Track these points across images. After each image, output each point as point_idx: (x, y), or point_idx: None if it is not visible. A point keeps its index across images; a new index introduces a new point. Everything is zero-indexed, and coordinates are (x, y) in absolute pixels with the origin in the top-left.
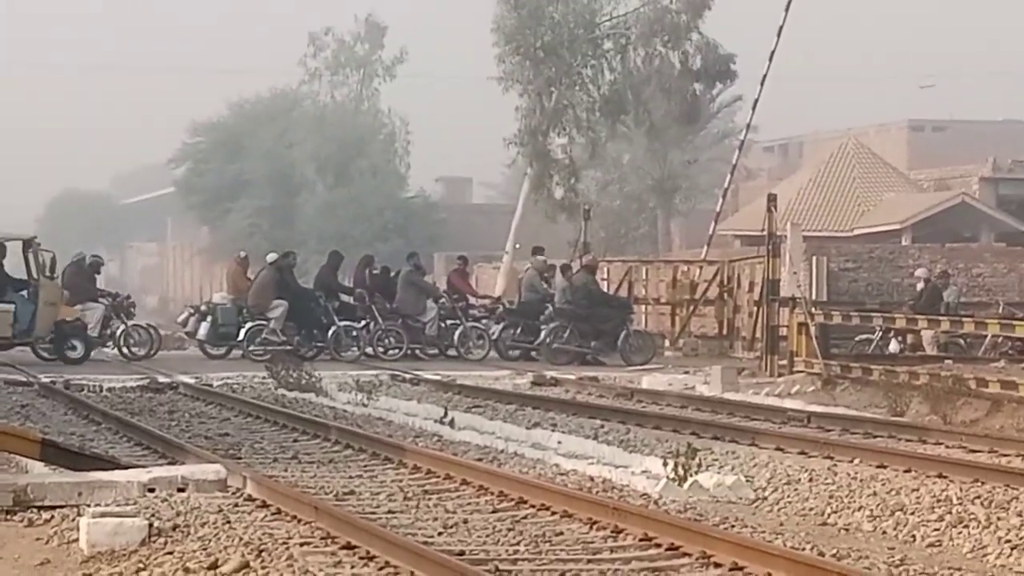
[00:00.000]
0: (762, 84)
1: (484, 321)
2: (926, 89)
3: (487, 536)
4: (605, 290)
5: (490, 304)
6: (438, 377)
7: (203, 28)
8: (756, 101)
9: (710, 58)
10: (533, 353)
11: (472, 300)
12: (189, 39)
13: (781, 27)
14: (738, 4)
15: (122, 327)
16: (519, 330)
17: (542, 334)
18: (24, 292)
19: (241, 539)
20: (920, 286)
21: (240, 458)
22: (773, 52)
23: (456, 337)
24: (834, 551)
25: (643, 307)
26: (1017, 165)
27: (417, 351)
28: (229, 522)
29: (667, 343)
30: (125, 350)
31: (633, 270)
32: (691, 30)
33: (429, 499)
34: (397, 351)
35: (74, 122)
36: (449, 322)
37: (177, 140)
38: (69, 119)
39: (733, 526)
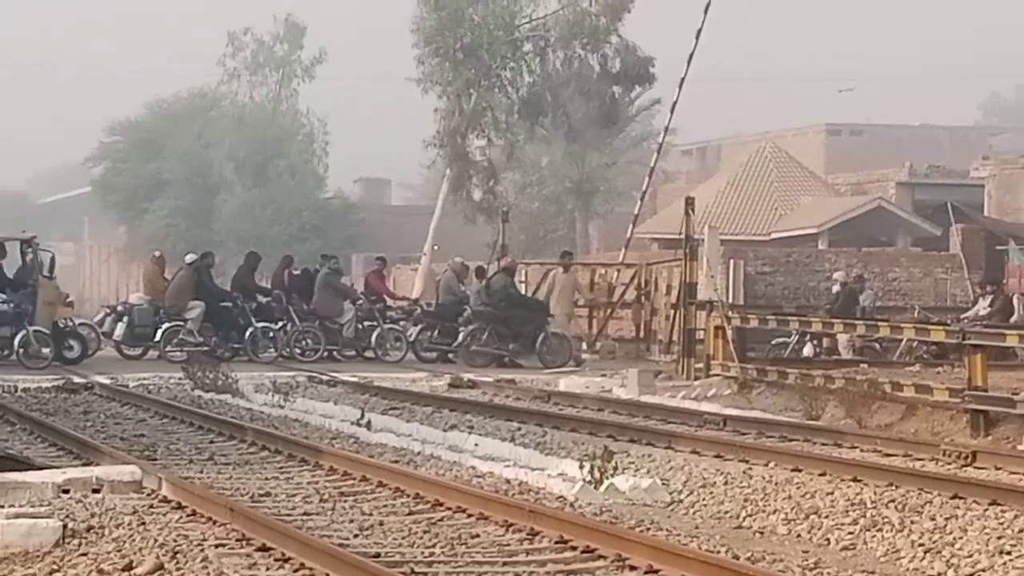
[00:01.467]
0: (680, 87)
1: (401, 323)
2: (844, 93)
3: (403, 538)
4: (523, 292)
5: (408, 306)
6: (355, 379)
7: (122, 27)
8: (674, 104)
9: (629, 61)
10: (450, 355)
11: (389, 302)
12: (108, 38)
13: (699, 30)
14: (657, 7)
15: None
16: (436, 332)
17: (460, 336)
18: (22, 291)
19: (156, 541)
20: (836, 290)
21: (156, 459)
22: (691, 55)
23: (373, 339)
24: (749, 554)
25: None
26: (933, 170)
27: (334, 352)
28: (144, 523)
29: (584, 346)
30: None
31: (551, 273)
32: (610, 33)
33: (345, 501)
34: (314, 352)
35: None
36: (367, 324)
37: (95, 139)
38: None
39: (649, 529)
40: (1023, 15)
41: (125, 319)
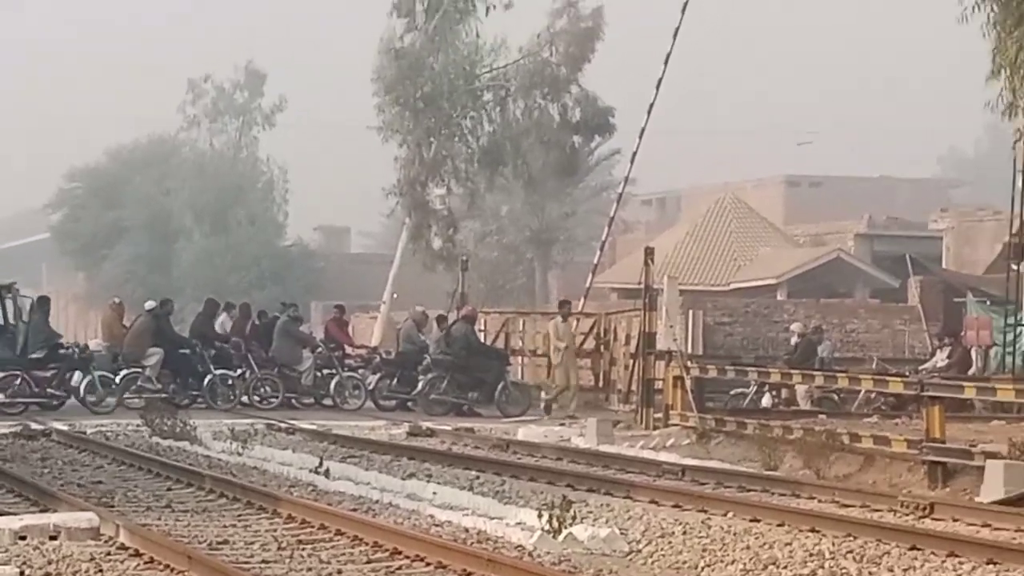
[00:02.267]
0: (640, 137)
1: (360, 371)
2: (803, 145)
3: None
4: (483, 341)
5: (367, 354)
6: (314, 427)
7: (82, 74)
8: (634, 154)
9: (589, 111)
10: (409, 403)
11: (349, 350)
12: (67, 84)
13: (660, 80)
14: (617, 58)
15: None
16: (396, 380)
17: (419, 384)
18: (7, 334)
19: None
20: (795, 341)
21: (113, 506)
22: (652, 105)
23: (332, 387)
24: None
25: (520, 359)
26: (892, 222)
27: (293, 400)
28: (101, 571)
29: (543, 395)
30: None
31: (510, 321)
32: (570, 83)
33: (303, 549)
34: (273, 400)
35: None
36: (325, 371)
37: (53, 186)
38: None
39: None
40: (980, 74)
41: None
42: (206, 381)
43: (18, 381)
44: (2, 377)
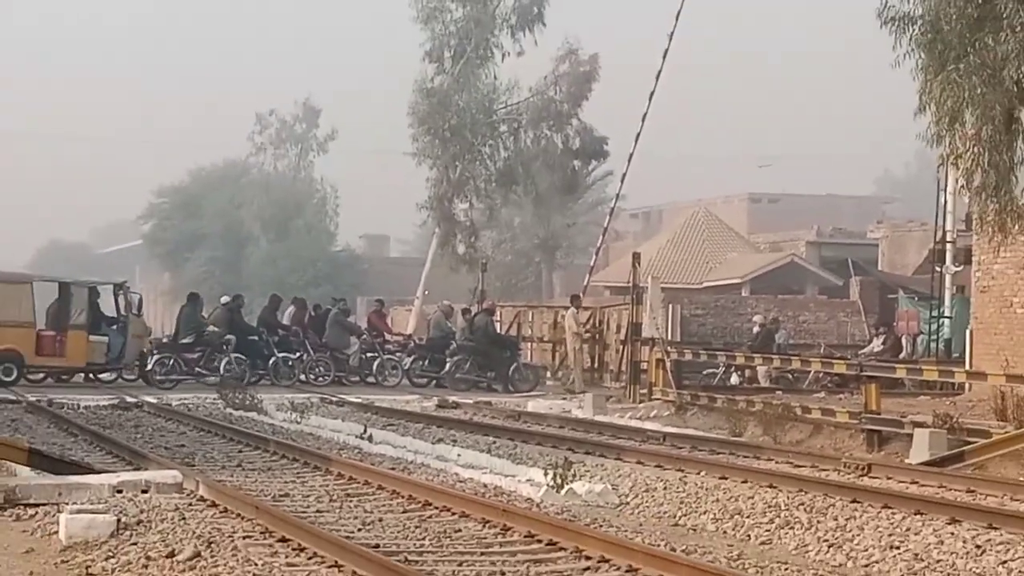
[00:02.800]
0: (629, 162)
1: (398, 354)
2: (764, 168)
3: (398, 532)
4: (499, 330)
5: (403, 340)
6: (359, 400)
7: (168, 107)
8: (624, 175)
9: (587, 140)
10: (438, 381)
11: (388, 337)
12: (155, 114)
13: (644, 115)
14: (611, 95)
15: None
16: (427, 362)
17: (447, 366)
18: (115, 326)
19: (194, 532)
20: (756, 330)
21: (194, 465)
22: (638, 135)
23: (374, 367)
24: (684, 547)
25: (529, 344)
26: (837, 232)
27: (342, 378)
28: (184, 519)
29: (548, 374)
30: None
31: (521, 314)
32: (572, 116)
33: (350, 501)
34: (326, 378)
35: (58, 184)
36: (369, 355)
37: (145, 201)
38: (54, 181)
39: (601, 526)
40: (910, 110)
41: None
42: (271, 363)
43: (171, 361)
44: (158, 358)
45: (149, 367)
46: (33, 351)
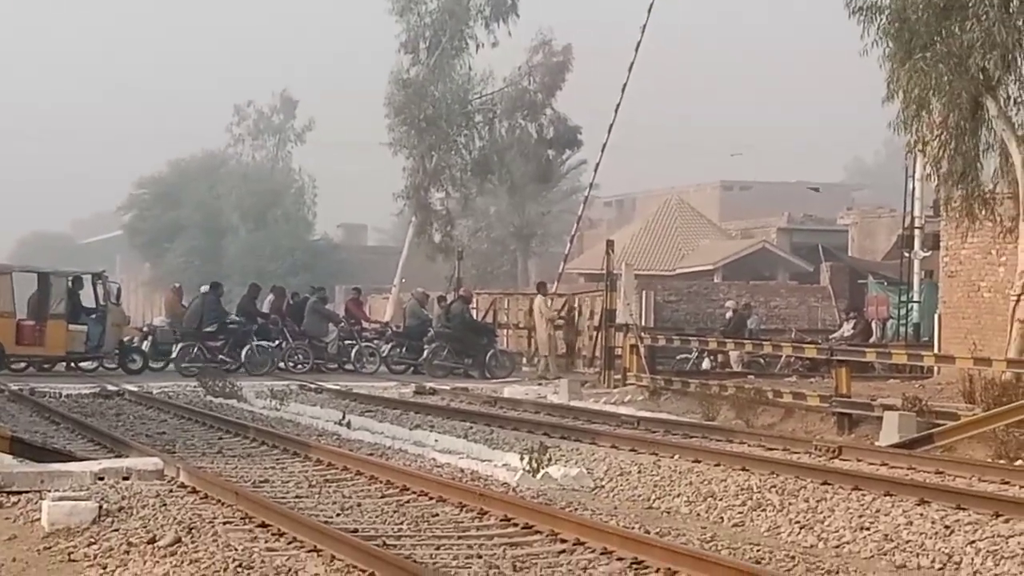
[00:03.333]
0: (603, 150)
1: (375, 341)
2: (735, 156)
3: (376, 517)
4: (475, 317)
5: (380, 328)
6: (337, 387)
7: (147, 99)
8: (597, 164)
9: (560, 129)
10: (415, 368)
11: (365, 324)
12: (135, 105)
13: (618, 104)
14: (584, 84)
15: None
16: (404, 349)
17: (424, 353)
18: (94, 316)
19: (175, 519)
20: (728, 315)
21: (175, 452)
22: (611, 125)
23: (352, 354)
24: (658, 530)
25: (505, 331)
26: (807, 219)
27: (321, 366)
28: (165, 505)
29: (524, 360)
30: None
31: (497, 301)
32: (545, 106)
33: (329, 486)
34: (304, 366)
35: (38, 174)
36: (347, 342)
37: (125, 192)
38: (34, 171)
39: (576, 509)
40: (878, 97)
41: (150, 338)
42: (244, 351)
43: (195, 350)
44: (182, 347)
45: (173, 355)
46: (13, 340)
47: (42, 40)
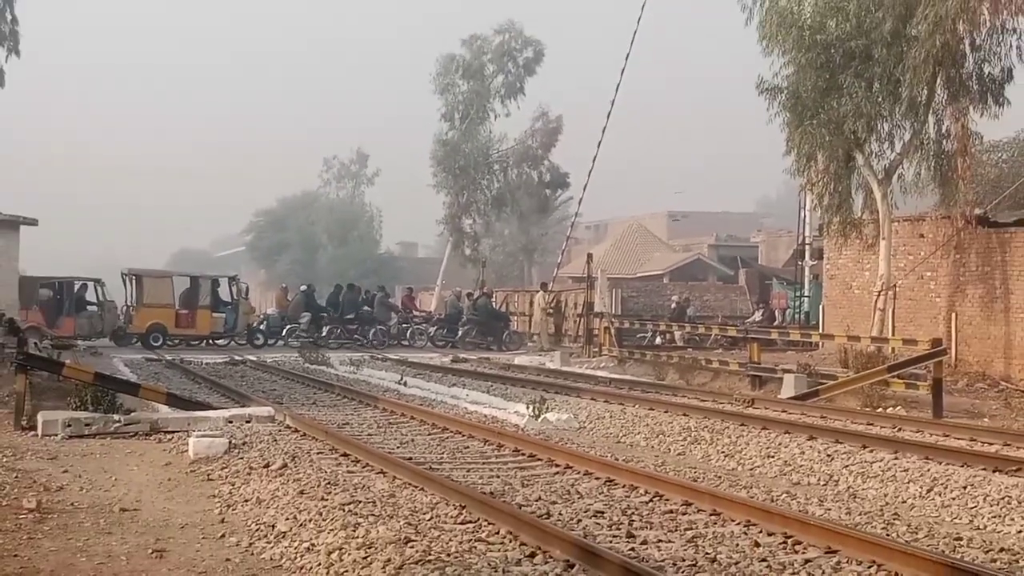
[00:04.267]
0: (584, 190)
1: (424, 325)
2: (678, 193)
3: (425, 449)
4: (495, 307)
5: (426, 315)
6: (396, 358)
7: (261, 148)
8: (580, 199)
9: (554, 175)
10: (452, 344)
11: (416, 313)
12: (254, 154)
13: (595, 156)
14: (572, 144)
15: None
16: (445, 331)
17: (459, 333)
18: (230, 306)
19: (283, 450)
20: (673, 306)
21: (282, 403)
22: (590, 172)
23: (408, 335)
24: (624, 457)
25: (515, 318)
26: (729, 238)
27: (386, 342)
28: (276, 440)
29: (541, 341)
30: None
31: (509, 296)
32: (544, 159)
33: (392, 427)
34: (375, 343)
35: (186, 207)
36: (403, 326)
37: (246, 219)
38: (182, 204)
39: (566, 443)
40: (779, 151)
41: (264, 324)
42: (326, 330)
43: (338, 331)
44: (328, 328)
45: (323, 334)
46: (173, 324)
47: (183, 96)
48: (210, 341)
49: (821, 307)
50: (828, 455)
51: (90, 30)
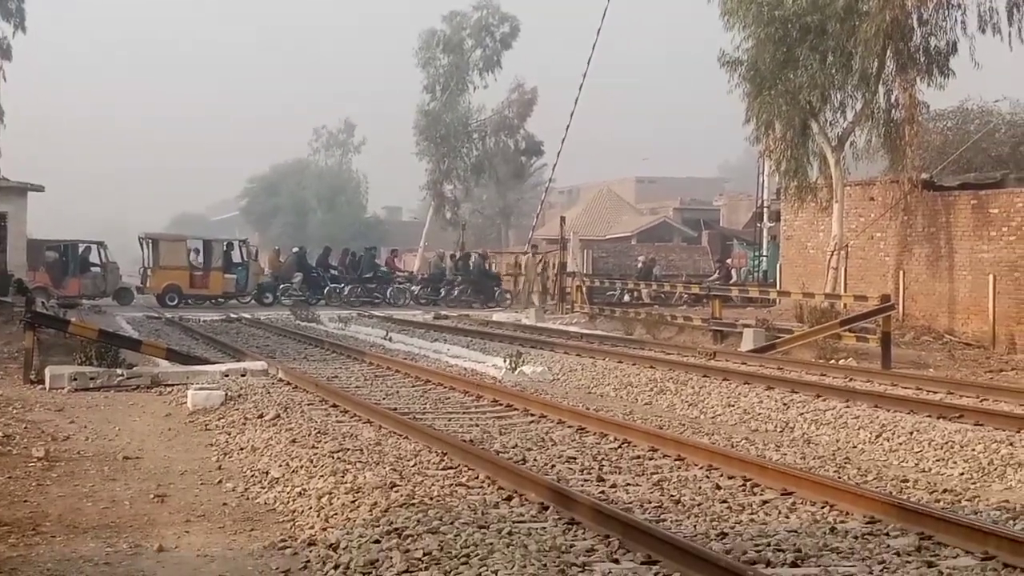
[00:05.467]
0: (557, 157)
1: (406, 284)
2: (645, 160)
3: (410, 400)
4: (487, 268)
5: (410, 275)
6: (381, 315)
7: (256, 116)
8: (554, 166)
9: (529, 143)
10: (435, 302)
11: (400, 273)
12: (248, 123)
13: (567, 125)
14: (546, 114)
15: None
16: (429, 290)
17: (441, 292)
18: (240, 267)
19: (275, 401)
20: (639, 265)
21: (275, 357)
22: (563, 140)
23: (389, 293)
24: (595, 407)
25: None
26: (693, 201)
27: (371, 301)
28: (269, 393)
29: (508, 297)
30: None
31: (491, 257)
32: (519, 128)
33: (378, 380)
34: (359, 301)
35: (184, 174)
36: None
37: (241, 185)
38: (180, 168)
39: (541, 394)
40: (740, 119)
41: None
42: (325, 291)
43: (359, 290)
44: (350, 287)
45: (346, 293)
46: (188, 285)
47: (182, 70)
48: (218, 300)
49: (778, 266)
50: (784, 404)
51: (91, 6)
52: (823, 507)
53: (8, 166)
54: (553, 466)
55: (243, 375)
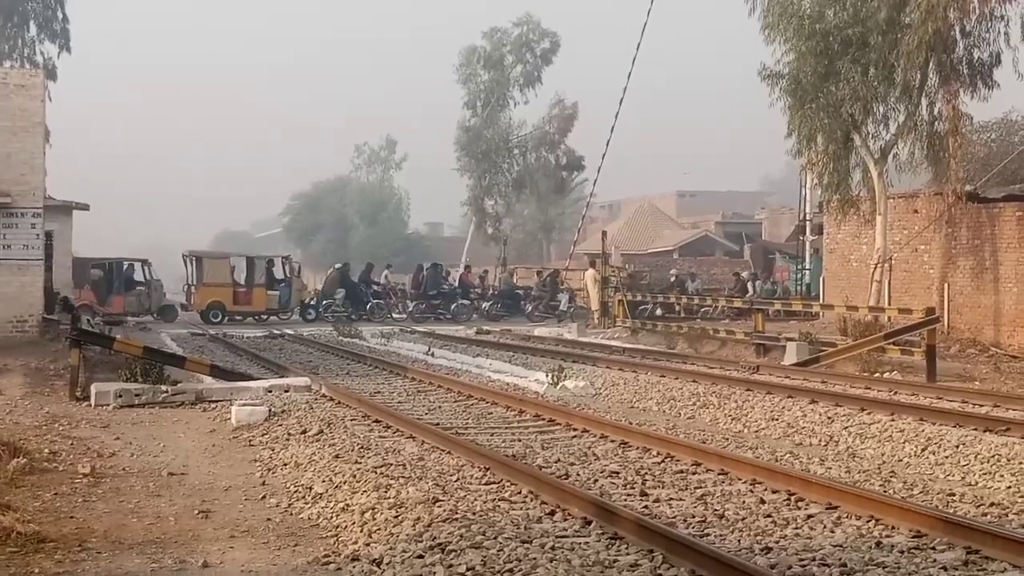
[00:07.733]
0: (598, 172)
1: (477, 300)
2: (686, 174)
3: (452, 415)
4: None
5: (484, 290)
6: (424, 330)
7: (298, 135)
8: (595, 181)
9: (571, 158)
10: (505, 318)
11: (475, 289)
12: (291, 142)
13: (608, 140)
14: (587, 129)
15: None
16: (499, 305)
17: (522, 306)
18: (283, 284)
19: (319, 417)
20: (672, 279)
21: (318, 373)
22: (603, 155)
23: (455, 309)
24: (637, 421)
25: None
26: (735, 215)
27: (436, 317)
28: (312, 408)
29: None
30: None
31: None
32: (560, 143)
33: (420, 395)
34: (458, 317)
35: (229, 189)
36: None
37: (284, 202)
38: (226, 188)
39: (583, 409)
40: (781, 132)
41: (313, 300)
42: (368, 307)
43: (423, 306)
44: (415, 304)
45: (410, 309)
46: (232, 302)
47: (229, 92)
48: (261, 316)
49: (821, 279)
50: (828, 417)
51: (139, 30)
52: (868, 521)
53: (54, 185)
54: (596, 481)
55: (286, 391)
